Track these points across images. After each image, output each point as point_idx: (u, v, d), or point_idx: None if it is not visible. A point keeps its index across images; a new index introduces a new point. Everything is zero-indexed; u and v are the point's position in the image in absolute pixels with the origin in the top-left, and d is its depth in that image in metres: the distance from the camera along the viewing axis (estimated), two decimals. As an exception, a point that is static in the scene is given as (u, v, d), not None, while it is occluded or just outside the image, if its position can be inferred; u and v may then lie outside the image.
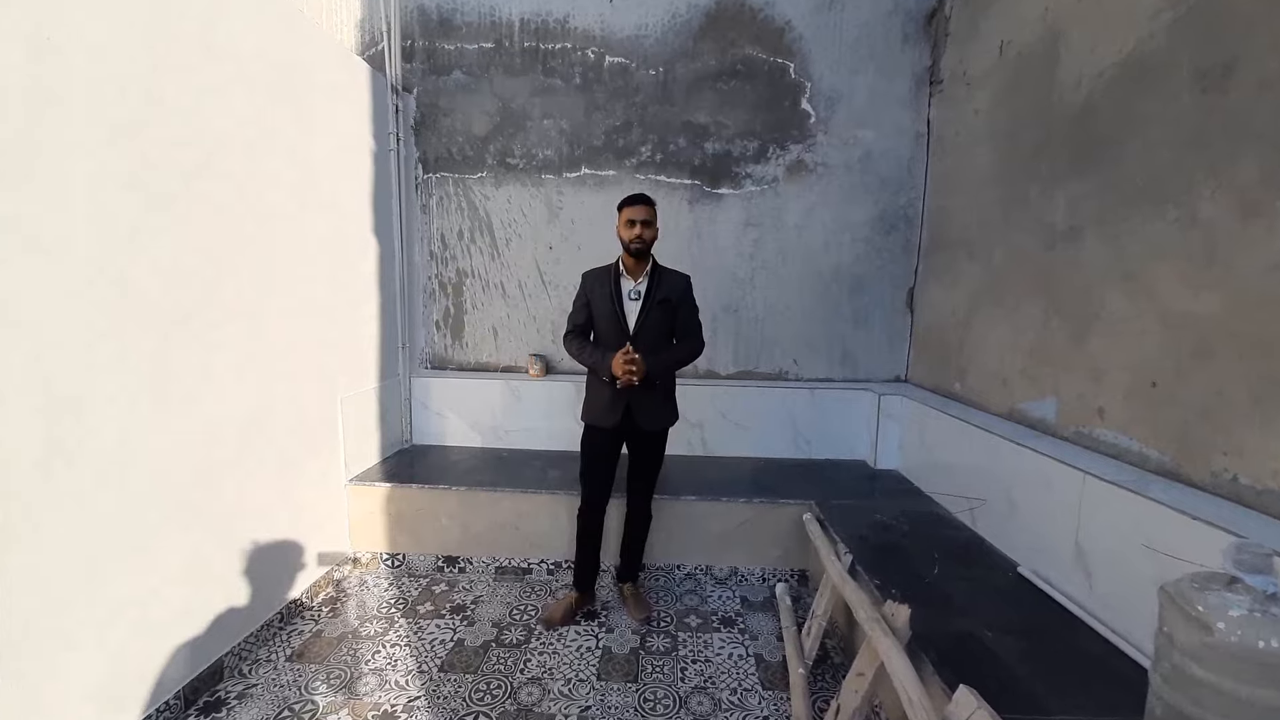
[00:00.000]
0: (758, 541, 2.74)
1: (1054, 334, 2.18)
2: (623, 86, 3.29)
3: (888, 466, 3.13)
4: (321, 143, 2.53)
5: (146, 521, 1.75)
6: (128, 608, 1.70)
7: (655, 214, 2.28)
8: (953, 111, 2.99)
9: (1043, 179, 2.27)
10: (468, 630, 2.39)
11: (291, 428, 2.40)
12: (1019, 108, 2.45)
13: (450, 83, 3.34)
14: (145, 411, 1.73)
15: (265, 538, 2.26)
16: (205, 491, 1.97)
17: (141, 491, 1.73)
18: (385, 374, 3.14)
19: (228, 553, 2.09)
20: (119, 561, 1.67)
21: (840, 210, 3.30)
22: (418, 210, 3.43)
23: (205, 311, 1.94)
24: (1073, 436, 2.08)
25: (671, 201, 3.31)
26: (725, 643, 2.33)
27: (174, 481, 1.84)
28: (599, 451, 2.39)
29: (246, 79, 2.09)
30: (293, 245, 2.36)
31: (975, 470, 2.38)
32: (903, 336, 3.38)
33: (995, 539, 2.22)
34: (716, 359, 3.43)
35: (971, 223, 2.75)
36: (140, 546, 1.73)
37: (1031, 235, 2.32)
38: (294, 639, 2.31)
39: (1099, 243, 1.99)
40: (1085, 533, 1.81)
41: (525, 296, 3.47)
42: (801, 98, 3.24)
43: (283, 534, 2.36)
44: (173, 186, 1.80)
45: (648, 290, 2.30)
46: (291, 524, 2.41)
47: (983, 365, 2.62)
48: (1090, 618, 1.75)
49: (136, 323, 1.70)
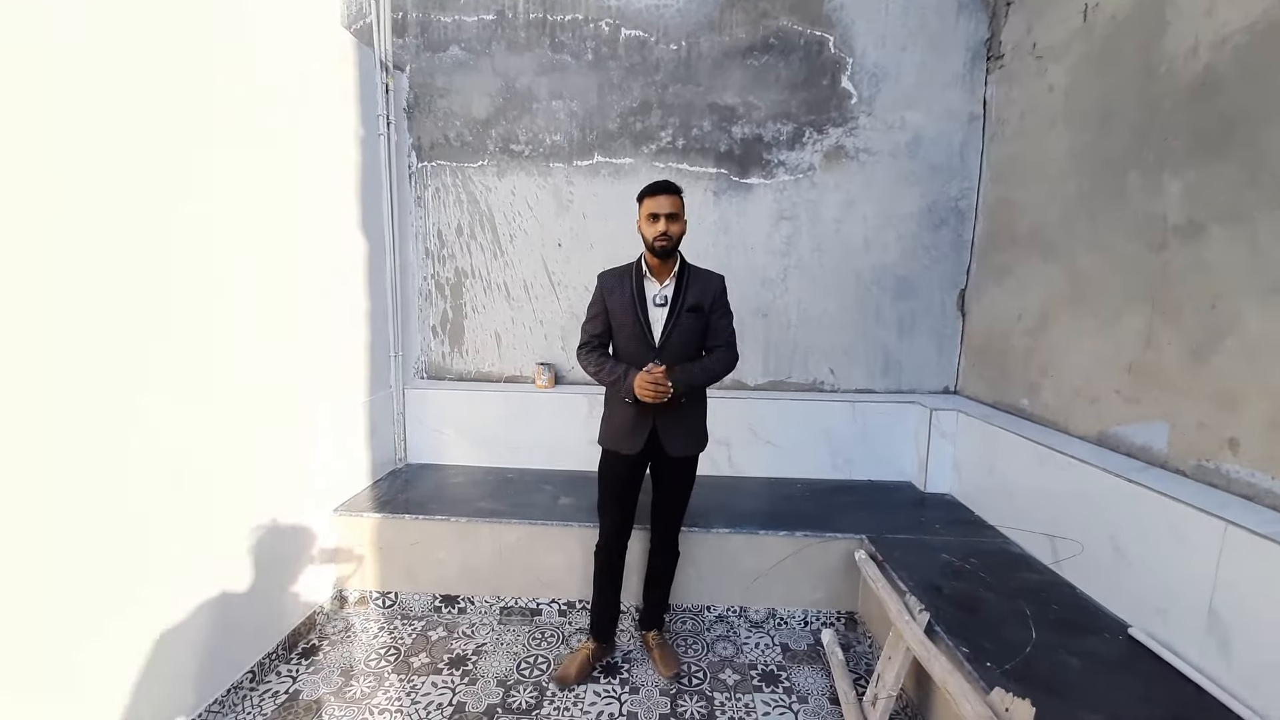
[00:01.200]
0: (799, 580, 2.41)
1: (1164, 349, 1.84)
2: (640, 63, 2.93)
3: (939, 490, 2.80)
4: (298, 126, 2.18)
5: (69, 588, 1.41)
6: (46, 690, 1.36)
7: (683, 205, 1.92)
8: (1017, 89, 2.63)
9: (1147, 166, 1.92)
10: (469, 691, 2.06)
11: (262, 453, 2.05)
12: (1113, 83, 2.09)
13: (447, 60, 2.98)
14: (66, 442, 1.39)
15: (232, 586, 1.92)
16: (151, 536, 1.63)
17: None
18: (375, 386, 2.80)
19: (185, 604, 1.75)
20: (38, 651, 1.33)
21: (884, 202, 2.95)
22: (411, 203, 3.07)
23: (150, 321, 1.59)
24: (1193, 471, 1.74)
25: (695, 193, 2.96)
26: (770, 706, 2.00)
27: (102, 532, 1.50)
28: (620, 481, 2.05)
29: (208, 51, 1.73)
30: (263, 244, 2.01)
31: (1060, 503, 2.04)
32: (953, 343, 3.04)
33: (1092, 589, 1.89)
34: (745, 369, 3.09)
35: (1045, 217, 2.40)
36: (67, 615, 1.39)
37: (1131, 233, 1.97)
38: (266, 704, 1.97)
39: (1230, 243, 1.65)
40: (1224, 596, 1.48)
41: (531, 299, 3.12)
42: (842, 75, 2.88)
43: (253, 581, 2.02)
44: (98, 178, 1.45)
45: (675, 294, 1.95)
46: (264, 567, 2.07)
47: (1062, 380, 2.28)
48: (1226, 695, 1.43)
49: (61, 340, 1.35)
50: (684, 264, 2.00)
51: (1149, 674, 1.53)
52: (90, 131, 1.43)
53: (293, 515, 2.23)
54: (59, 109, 1.36)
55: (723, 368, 2.01)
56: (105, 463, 1.49)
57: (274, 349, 2.09)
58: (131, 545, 1.57)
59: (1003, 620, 1.76)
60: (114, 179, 1.49)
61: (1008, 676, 1.51)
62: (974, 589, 1.94)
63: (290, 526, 2.22)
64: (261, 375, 2.04)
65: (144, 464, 1.59)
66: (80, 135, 1.40)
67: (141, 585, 1.60)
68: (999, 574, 2.03)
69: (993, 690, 1.32)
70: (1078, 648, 1.63)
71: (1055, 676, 1.52)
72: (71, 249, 1.39)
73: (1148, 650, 1.61)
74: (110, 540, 1.51)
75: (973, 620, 1.76)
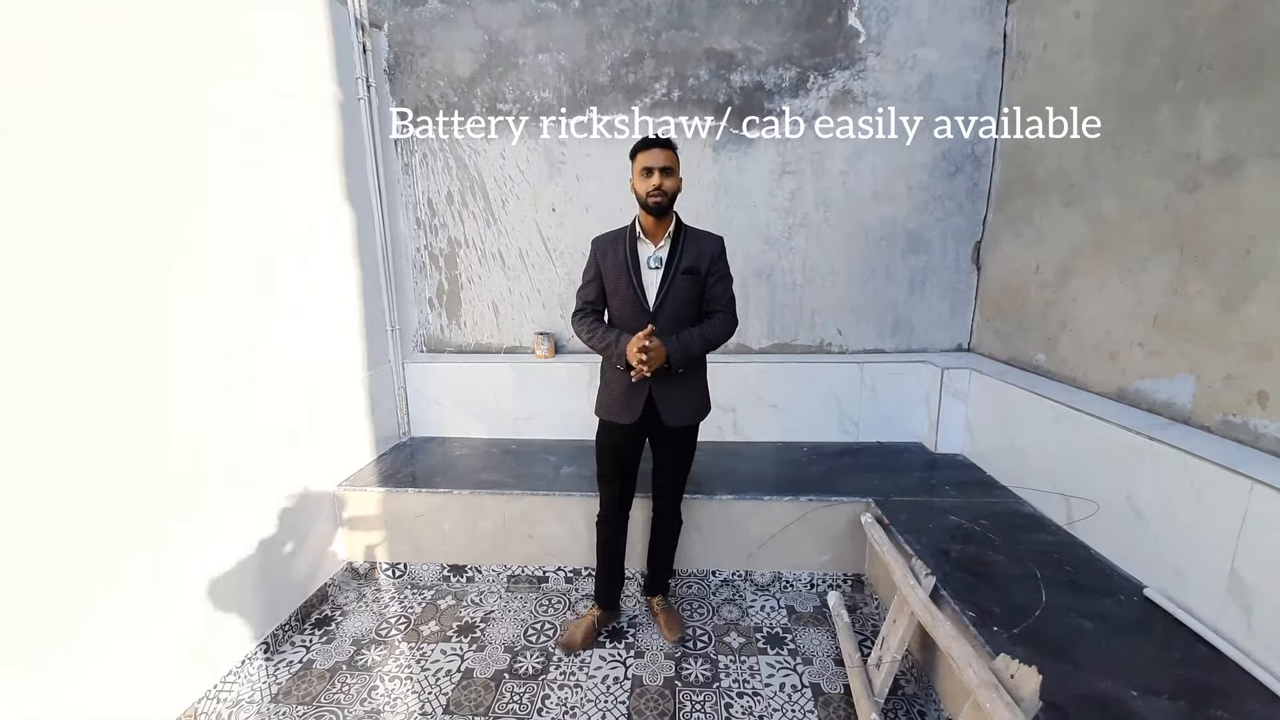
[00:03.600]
0: (804, 543, 2.38)
1: (1193, 298, 1.71)
2: (631, 8, 2.74)
3: (950, 450, 2.73)
4: (272, 94, 2.07)
5: (89, 555, 1.42)
6: (66, 659, 1.39)
7: (677, 159, 1.82)
8: (1040, 20, 2.42)
9: (1179, 98, 1.76)
10: (477, 657, 2.09)
11: (266, 432, 2.05)
12: (1141, 6, 1.90)
13: (426, 13, 2.82)
14: (75, 424, 1.37)
15: (244, 562, 1.95)
16: (163, 512, 1.63)
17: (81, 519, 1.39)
18: (374, 361, 2.77)
19: (198, 581, 1.78)
20: (57, 614, 1.35)
21: (894, 151, 2.77)
22: (399, 171, 2.97)
23: (151, 301, 1.55)
24: (1218, 427, 1.65)
25: (693, 148, 2.81)
26: (774, 668, 2.00)
27: (120, 506, 1.50)
28: (617, 452, 2.02)
29: (166, 19, 1.63)
30: (242, 223, 1.94)
31: (1076, 462, 1.96)
32: (967, 299, 2.91)
33: (1107, 549, 1.83)
34: (749, 332, 3.00)
35: (1068, 159, 2.24)
36: (79, 588, 1.41)
37: (1161, 172, 1.82)
38: (280, 673, 2.02)
39: (1271, 182, 1.50)
40: (1246, 557, 1.41)
41: (527, 267, 3.03)
42: (848, 12, 2.68)
43: (264, 556, 2.05)
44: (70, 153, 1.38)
45: (670, 256, 1.86)
46: (275, 543, 2.10)
47: (1081, 335, 2.16)
48: (1246, 658, 1.38)
49: (57, 318, 1.32)
50: (680, 225, 1.90)
51: (1164, 636, 1.49)
52: (58, 116, 1.35)
53: (299, 491, 2.25)
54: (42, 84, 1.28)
55: (721, 334, 1.92)
56: (96, 449, 1.47)
57: (264, 328, 2.06)
58: (143, 524, 1.57)
59: (1012, 583, 1.71)
60: (79, 168, 1.42)
61: (1015, 641, 1.47)
62: (983, 551, 1.89)
63: (298, 503, 2.23)
64: (256, 355, 2.01)
65: (146, 447, 1.58)
66: (54, 123, 1.33)
67: (155, 562, 1.61)
68: (1010, 536, 1.98)
69: (998, 656, 1.28)
70: (1090, 610, 1.58)
71: (1066, 640, 1.48)
72: (64, 241, 1.34)
73: (1164, 612, 1.56)
74: (120, 520, 1.51)
75: (981, 583, 1.72)
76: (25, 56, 1.32)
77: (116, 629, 1.53)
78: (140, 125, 1.59)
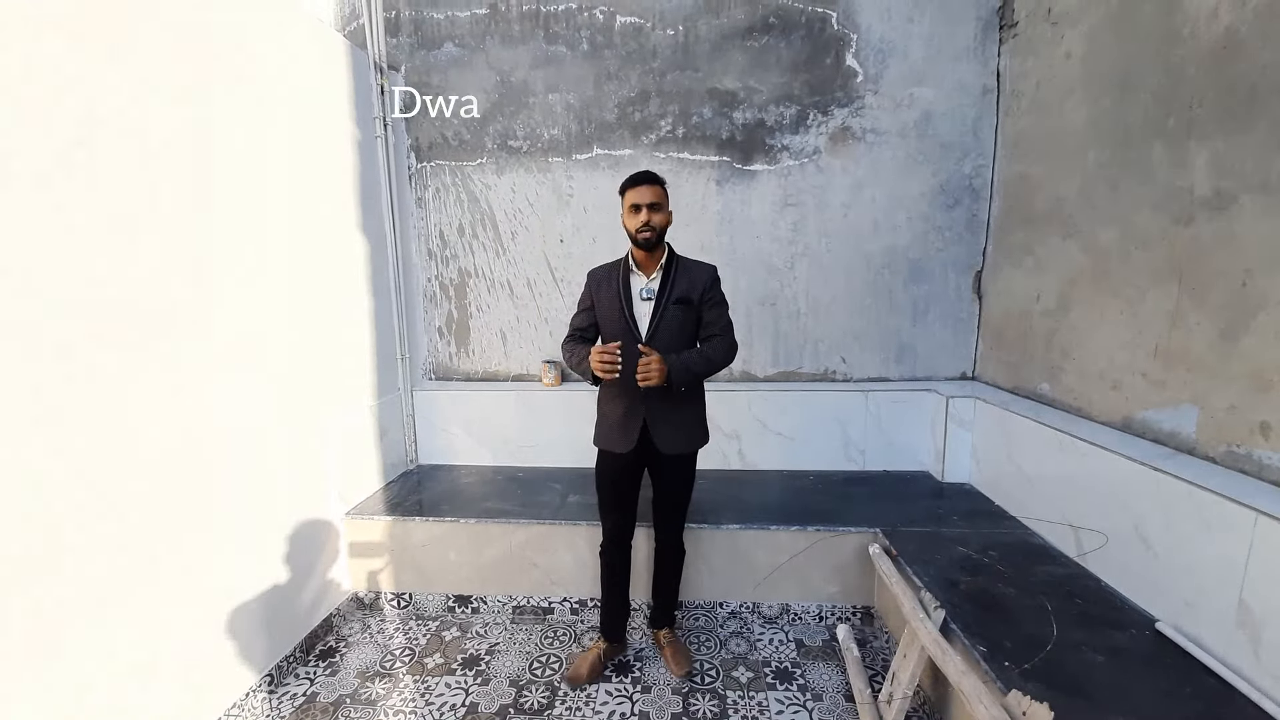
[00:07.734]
0: (812, 574, 2.36)
1: (1193, 329, 1.74)
2: (637, 50, 2.86)
3: (957, 479, 2.72)
4: (296, 134, 2.17)
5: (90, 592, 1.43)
6: (67, 690, 1.39)
7: (665, 195, 1.87)
8: (1033, 59, 2.50)
9: (1171, 135, 1.81)
10: (481, 691, 2.07)
11: (273, 458, 2.07)
12: (1133, 48, 1.97)
13: (441, 57, 2.94)
14: (81, 450, 1.41)
15: (250, 591, 1.95)
16: (167, 542, 1.65)
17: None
18: (384, 389, 2.81)
19: (201, 612, 1.78)
20: (53, 645, 1.36)
21: (893, 184, 2.84)
22: (412, 204, 3.06)
23: (157, 333, 1.60)
24: (1222, 457, 1.65)
25: (697, 182, 2.90)
26: (784, 705, 1.97)
27: (121, 535, 1.52)
28: (616, 482, 2.02)
29: (205, 61, 1.73)
30: (264, 254, 2.01)
31: (1084, 493, 1.96)
32: (969, 328, 2.93)
33: (1117, 581, 1.81)
34: (753, 359, 3.03)
35: (1064, 192, 2.29)
36: (78, 618, 1.42)
37: (1156, 206, 1.86)
38: (284, 706, 2.01)
39: (1261, 215, 1.54)
40: (1254, 588, 1.40)
41: (535, 296, 3.09)
42: (846, 52, 2.78)
43: (270, 586, 2.05)
44: (105, 182, 1.45)
45: (661, 287, 1.90)
46: (281, 573, 2.10)
47: (1085, 364, 2.18)
48: (1256, 691, 1.36)
49: (68, 343, 1.37)
50: (672, 256, 1.94)
51: (1177, 671, 1.46)
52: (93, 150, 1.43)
53: (307, 520, 2.26)
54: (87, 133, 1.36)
55: (722, 355, 1.93)
56: (112, 473, 1.51)
57: (278, 356, 2.11)
58: (144, 554, 1.59)
59: (1023, 616, 1.70)
60: (109, 197, 1.49)
61: (1027, 676, 1.45)
62: (993, 583, 1.87)
63: (305, 532, 2.25)
64: (268, 383, 2.05)
65: (155, 473, 1.61)
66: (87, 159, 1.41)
67: (157, 593, 1.63)
68: (1020, 567, 1.96)
69: (1010, 692, 1.26)
70: (1102, 644, 1.56)
71: (1078, 675, 1.46)
72: (77, 264, 1.40)
73: (1176, 646, 1.54)
74: (119, 550, 1.53)
75: (991, 617, 1.70)
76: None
77: (116, 661, 1.53)
78: (181, 166, 1.67)
